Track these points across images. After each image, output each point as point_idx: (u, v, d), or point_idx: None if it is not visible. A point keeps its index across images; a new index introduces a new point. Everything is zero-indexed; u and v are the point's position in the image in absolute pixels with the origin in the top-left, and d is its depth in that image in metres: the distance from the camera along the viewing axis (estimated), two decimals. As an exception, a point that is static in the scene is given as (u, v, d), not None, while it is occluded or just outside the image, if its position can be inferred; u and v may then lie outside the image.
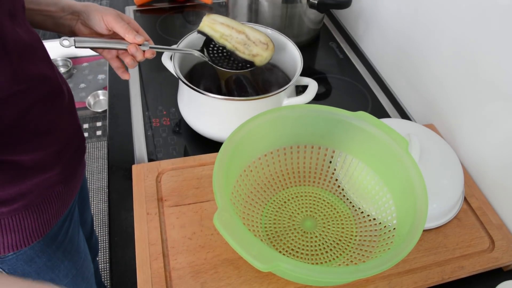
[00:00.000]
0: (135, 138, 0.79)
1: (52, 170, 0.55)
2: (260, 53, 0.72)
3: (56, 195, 0.58)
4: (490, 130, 0.68)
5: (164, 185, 0.65)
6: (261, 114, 0.59)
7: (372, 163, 0.62)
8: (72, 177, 0.61)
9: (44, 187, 0.55)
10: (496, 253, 0.61)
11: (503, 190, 0.67)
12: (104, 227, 1.69)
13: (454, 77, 0.75)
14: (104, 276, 1.45)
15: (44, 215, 0.57)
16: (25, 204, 0.53)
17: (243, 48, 0.72)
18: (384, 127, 0.58)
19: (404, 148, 0.56)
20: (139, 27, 0.63)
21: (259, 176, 0.63)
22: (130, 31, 0.60)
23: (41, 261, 0.61)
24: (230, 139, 0.55)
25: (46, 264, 0.62)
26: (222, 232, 0.44)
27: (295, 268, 0.43)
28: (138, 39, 0.60)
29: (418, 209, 0.50)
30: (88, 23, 0.60)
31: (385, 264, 0.44)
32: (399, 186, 0.57)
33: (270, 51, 0.73)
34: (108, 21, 0.59)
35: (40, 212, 0.56)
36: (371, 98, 0.92)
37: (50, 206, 0.57)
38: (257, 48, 0.72)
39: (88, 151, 1.99)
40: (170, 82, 0.90)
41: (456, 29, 0.72)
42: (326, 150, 0.65)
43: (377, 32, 1.00)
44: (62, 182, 0.58)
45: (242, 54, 0.72)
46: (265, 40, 0.73)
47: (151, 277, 0.54)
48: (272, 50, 0.73)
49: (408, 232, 0.48)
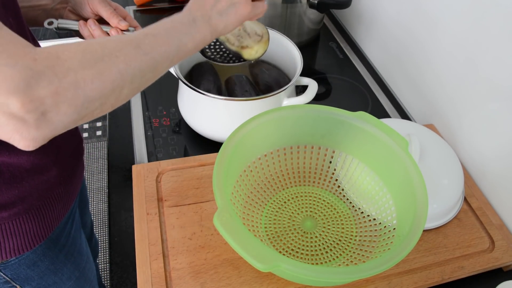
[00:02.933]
0: (135, 138, 0.79)
1: (50, 171, 0.55)
2: (251, 45, 0.68)
3: (56, 197, 0.58)
4: (491, 130, 0.68)
5: (164, 185, 0.65)
6: (261, 114, 0.59)
7: (372, 163, 0.62)
8: (71, 178, 0.61)
9: (44, 190, 0.55)
10: (496, 253, 0.61)
11: (503, 190, 0.67)
12: (104, 227, 1.69)
13: (454, 77, 0.75)
14: (104, 276, 1.45)
15: (45, 218, 0.57)
16: (25, 208, 0.53)
17: (234, 39, 0.68)
18: (384, 127, 0.58)
19: (404, 148, 0.56)
20: (128, 14, 0.62)
21: (259, 176, 0.63)
22: (115, 15, 0.59)
23: (44, 265, 0.60)
24: (230, 139, 0.55)
25: (49, 267, 0.61)
26: (222, 232, 0.44)
27: (295, 268, 0.43)
28: (122, 24, 0.59)
29: (418, 209, 0.50)
30: (76, 9, 0.60)
31: (385, 265, 0.44)
32: (399, 186, 0.57)
33: (263, 44, 0.68)
34: (94, 4, 0.59)
35: (41, 215, 0.56)
36: (371, 98, 0.92)
37: (50, 208, 0.57)
38: (250, 40, 0.68)
39: (88, 151, 1.98)
40: (170, 82, 0.90)
41: (456, 28, 0.72)
42: (326, 150, 0.65)
43: (377, 32, 1.00)
44: (62, 183, 0.58)
45: (231, 46, 0.68)
46: (261, 32, 0.69)
47: (151, 277, 0.54)
48: (266, 43, 0.69)
49: (408, 232, 0.48)
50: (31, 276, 0.60)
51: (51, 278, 0.63)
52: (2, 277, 0.56)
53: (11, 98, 0.31)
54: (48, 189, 0.56)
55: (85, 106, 0.36)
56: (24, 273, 0.58)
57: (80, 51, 0.36)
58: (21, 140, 0.33)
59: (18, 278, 0.58)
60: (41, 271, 0.60)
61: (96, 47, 0.37)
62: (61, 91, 0.33)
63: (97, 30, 0.59)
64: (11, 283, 0.58)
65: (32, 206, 0.54)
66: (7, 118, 0.32)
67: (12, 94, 0.31)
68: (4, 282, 0.57)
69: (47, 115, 0.33)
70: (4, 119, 0.32)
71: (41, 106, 0.32)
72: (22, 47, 0.33)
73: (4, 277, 0.57)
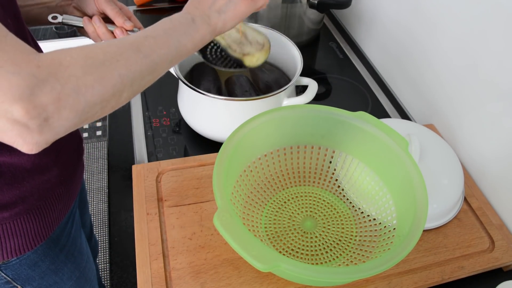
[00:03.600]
0: (135, 138, 0.79)
1: (51, 171, 0.55)
2: (252, 52, 0.69)
3: (56, 197, 0.58)
4: (491, 130, 0.68)
5: (164, 185, 0.65)
6: (261, 114, 0.59)
7: (372, 163, 0.62)
8: (71, 178, 0.61)
9: (44, 190, 0.55)
10: (496, 253, 0.61)
11: (503, 190, 0.67)
12: (104, 227, 1.69)
13: (454, 77, 0.75)
14: (104, 276, 1.45)
15: (46, 218, 0.57)
16: (26, 208, 0.53)
17: (236, 46, 0.69)
18: (384, 127, 0.58)
19: (404, 148, 0.56)
20: (132, 14, 0.62)
21: (259, 176, 0.63)
22: (121, 14, 0.59)
23: (45, 265, 0.60)
24: (230, 139, 0.55)
25: (50, 267, 0.61)
26: (222, 232, 0.44)
27: (295, 268, 0.43)
28: (127, 24, 0.59)
29: (418, 209, 0.50)
30: (81, 6, 0.60)
31: (385, 265, 0.44)
32: (399, 186, 0.57)
33: (264, 52, 0.70)
34: (100, 2, 0.59)
35: (42, 215, 0.56)
36: (371, 98, 0.92)
37: (51, 208, 0.57)
38: (251, 47, 0.70)
39: (88, 151, 1.98)
40: (170, 82, 0.90)
41: (456, 28, 0.72)
42: (326, 150, 0.65)
43: (377, 32, 1.00)
44: (62, 183, 0.58)
45: (233, 52, 0.69)
46: (263, 41, 0.71)
47: (151, 277, 0.54)
48: (267, 51, 0.70)
49: (408, 232, 0.48)
50: (32, 276, 0.59)
51: (52, 278, 0.63)
52: (3, 277, 0.56)
53: (16, 105, 0.32)
54: (49, 189, 0.56)
55: (86, 111, 0.36)
56: (25, 273, 0.58)
57: (82, 57, 0.36)
58: (24, 145, 0.34)
59: (19, 278, 0.58)
60: (42, 271, 0.60)
61: (97, 52, 0.37)
62: (63, 97, 0.34)
63: (102, 27, 0.59)
64: (12, 284, 0.58)
65: (33, 206, 0.54)
66: (11, 124, 0.32)
67: (16, 101, 0.31)
68: (5, 283, 0.57)
69: (49, 121, 0.34)
70: (8, 125, 0.32)
71: (43, 113, 0.33)
72: (26, 54, 0.33)
73: (5, 277, 0.56)
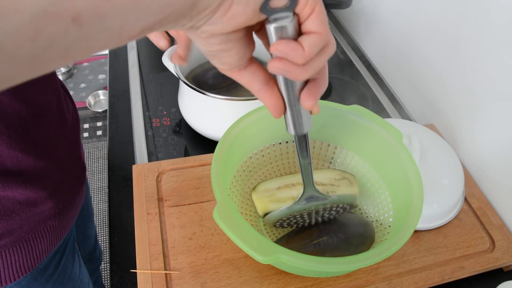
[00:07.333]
0: (135, 138, 0.79)
1: (46, 204, 0.51)
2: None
3: (48, 229, 0.53)
4: (491, 130, 0.68)
5: (164, 185, 0.65)
6: (258, 108, 0.58)
7: (367, 156, 0.62)
8: (67, 209, 0.57)
9: (35, 222, 0.50)
10: (497, 254, 0.61)
11: (503, 190, 0.67)
12: (104, 227, 1.69)
13: (454, 77, 0.75)
14: (104, 276, 1.45)
15: (34, 250, 0.52)
16: (12, 240, 0.48)
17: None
18: (378, 120, 0.59)
19: (399, 139, 0.56)
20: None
21: (256, 171, 0.63)
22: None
23: None
24: (228, 134, 0.55)
25: None
26: (222, 226, 0.44)
27: (295, 260, 0.42)
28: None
29: (414, 199, 0.50)
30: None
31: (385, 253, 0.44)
32: (394, 177, 0.57)
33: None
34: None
35: (29, 248, 0.51)
36: (371, 98, 0.92)
37: (41, 240, 0.53)
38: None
39: (88, 151, 1.99)
40: (171, 82, 0.90)
41: (456, 29, 0.72)
42: (322, 144, 0.65)
43: (377, 32, 1.00)
44: (56, 216, 0.54)
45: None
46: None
47: (151, 277, 0.54)
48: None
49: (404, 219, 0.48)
50: None
51: None
52: None
53: None
54: (41, 221, 0.51)
55: None
56: None
57: None
58: None
59: None
60: None
61: None
62: None
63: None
64: None
65: (21, 238, 0.50)
66: None
67: None
68: None
69: None
70: None
71: None
72: None
73: None
